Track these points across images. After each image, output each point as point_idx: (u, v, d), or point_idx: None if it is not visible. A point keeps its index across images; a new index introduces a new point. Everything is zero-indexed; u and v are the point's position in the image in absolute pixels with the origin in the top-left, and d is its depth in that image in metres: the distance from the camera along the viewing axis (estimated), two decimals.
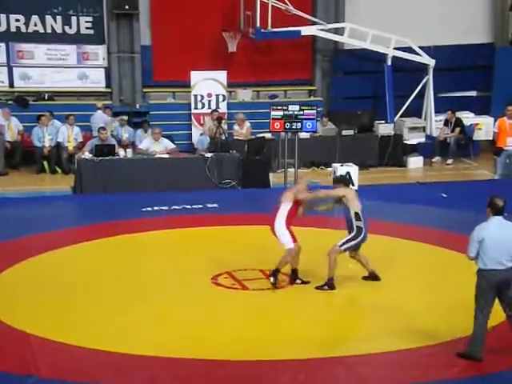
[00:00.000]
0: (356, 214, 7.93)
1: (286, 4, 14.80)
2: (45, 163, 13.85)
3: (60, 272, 8.43)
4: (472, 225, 8.32)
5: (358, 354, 6.40)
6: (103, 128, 13.10)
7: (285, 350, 6.48)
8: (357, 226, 7.95)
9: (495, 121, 14.67)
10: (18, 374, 6.01)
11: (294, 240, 7.88)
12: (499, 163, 13.39)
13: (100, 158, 12.15)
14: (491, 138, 15.05)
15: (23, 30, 14.77)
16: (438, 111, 15.82)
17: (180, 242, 9.57)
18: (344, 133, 14.52)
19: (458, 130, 15.16)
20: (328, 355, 6.38)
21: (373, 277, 8.15)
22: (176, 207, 11.12)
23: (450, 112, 15.23)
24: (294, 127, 12.55)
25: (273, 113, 12.51)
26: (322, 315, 7.29)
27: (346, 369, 6.20)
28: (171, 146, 12.97)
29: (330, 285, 7.90)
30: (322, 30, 15.22)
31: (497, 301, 6.31)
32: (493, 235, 6.11)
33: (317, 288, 7.92)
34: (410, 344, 6.57)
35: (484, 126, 15.53)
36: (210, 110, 14.68)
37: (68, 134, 13.96)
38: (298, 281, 8.07)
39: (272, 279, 7.87)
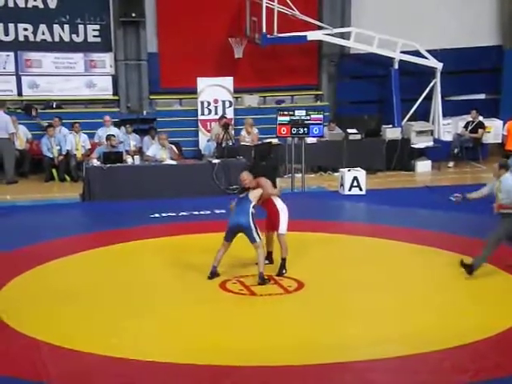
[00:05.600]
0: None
1: (292, 9, 14.82)
2: (54, 171, 13.92)
3: (69, 279, 8.46)
4: (481, 228, 8.32)
5: (366, 359, 6.37)
6: (113, 135, 13.15)
7: (293, 355, 6.46)
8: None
9: (504, 124, 14.66)
10: (29, 381, 6.03)
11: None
12: None
13: (108, 165, 12.19)
14: (500, 141, 15.03)
15: (31, 38, 14.86)
16: (445, 115, 15.78)
17: (188, 247, 9.58)
18: (351, 137, 14.51)
19: (481, 131, 15.08)
20: (336, 361, 6.36)
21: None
22: (184, 213, 11.15)
23: (474, 111, 15.13)
24: (300, 132, 12.56)
25: (279, 118, 12.52)
26: (329, 320, 7.26)
27: (354, 375, 6.17)
28: (174, 150, 13.01)
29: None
30: (328, 34, 15.22)
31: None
32: None
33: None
34: (418, 349, 6.54)
35: (493, 129, 15.46)
36: (216, 116, 14.71)
37: (76, 142, 14.03)
38: (266, 261, 8.51)
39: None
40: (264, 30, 14.45)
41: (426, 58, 15.48)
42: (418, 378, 6.10)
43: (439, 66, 15.54)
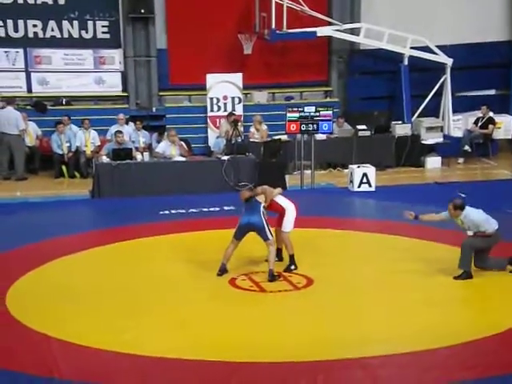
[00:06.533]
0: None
1: (301, 5, 14.79)
2: (63, 168, 13.96)
3: (79, 276, 8.48)
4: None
5: (375, 355, 6.37)
6: (119, 131, 13.17)
7: (303, 351, 6.46)
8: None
9: None
10: (40, 376, 6.05)
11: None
12: None
13: (117, 162, 12.22)
14: (510, 137, 14.96)
15: (40, 35, 14.90)
16: (455, 111, 15.71)
17: (198, 244, 9.59)
18: (361, 134, 14.47)
19: (491, 127, 15.00)
20: (346, 357, 6.35)
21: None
22: (193, 210, 11.16)
23: (484, 107, 15.06)
24: (310, 129, 12.54)
25: (289, 114, 12.49)
26: (338, 317, 7.26)
27: (364, 370, 6.16)
28: (184, 146, 13.03)
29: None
30: (337, 30, 15.18)
31: None
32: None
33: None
34: (428, 345, 6.52)
35: (503, 125, 15.38)
36: (226, 113, 14.70)
37: (85, 139, 14.06)
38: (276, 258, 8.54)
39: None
40: (273, 26, 14.41)
41: (436, 53, 15.41)
42: (427, 375, 6.08)
43: (449, 61, 15.47)
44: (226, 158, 12.60)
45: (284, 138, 13.81)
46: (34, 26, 14.86)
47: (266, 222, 8.24)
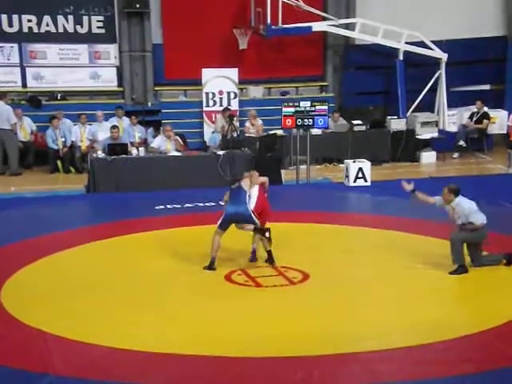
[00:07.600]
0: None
1: (297, 0, 14.78)
2: (58, 163, 13.93)
3: (74, 271, 8.48)
4: (487, 219, 8.35)
5: (371, 350, 6.39)
6: (114, 127, 13.14)
7: (298, 346, 6.47)
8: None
9: (509, 114, 14.64)
10: (34, 372, 6.05)
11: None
12: None
13: (113, 157, 12.21)
14: (505, 132, 14.99)
15: (35, 30, 14.84)
16: (450, 106, 15.74)
17: (193, 239, 9.58)
18: (356, 128, 14.49)
19: (486, 122, 15.03)
20: (341, 352, 6.37)
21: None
22: (189, 205, 11.16)
23: (479, 102, 15.09)
24: (305, 123, 12.54)
25: (284, 109, 12.49)
26: (334, 312, 7.28)
27: (359, 365, 6.18)
28: (179, 141, 13.03)
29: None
30: (332, 25, 15.18)
31: None
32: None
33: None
34: (423, 339, 6.55)
35: (498, 120, 15.42)
36: (221, 108, 14.69)
37: (81, 134, 14.03)
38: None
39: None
40: (269, 21, 14.41)
41: (431, 48, 15.43)
42: (424, 368, 6.10)
43: (444, 56, 15.50)
44: (221, 152, 12.60)
45: (280, 132, 13.82)
46: (29, 20, 14.79)
47: (251, 210, 8.25)
